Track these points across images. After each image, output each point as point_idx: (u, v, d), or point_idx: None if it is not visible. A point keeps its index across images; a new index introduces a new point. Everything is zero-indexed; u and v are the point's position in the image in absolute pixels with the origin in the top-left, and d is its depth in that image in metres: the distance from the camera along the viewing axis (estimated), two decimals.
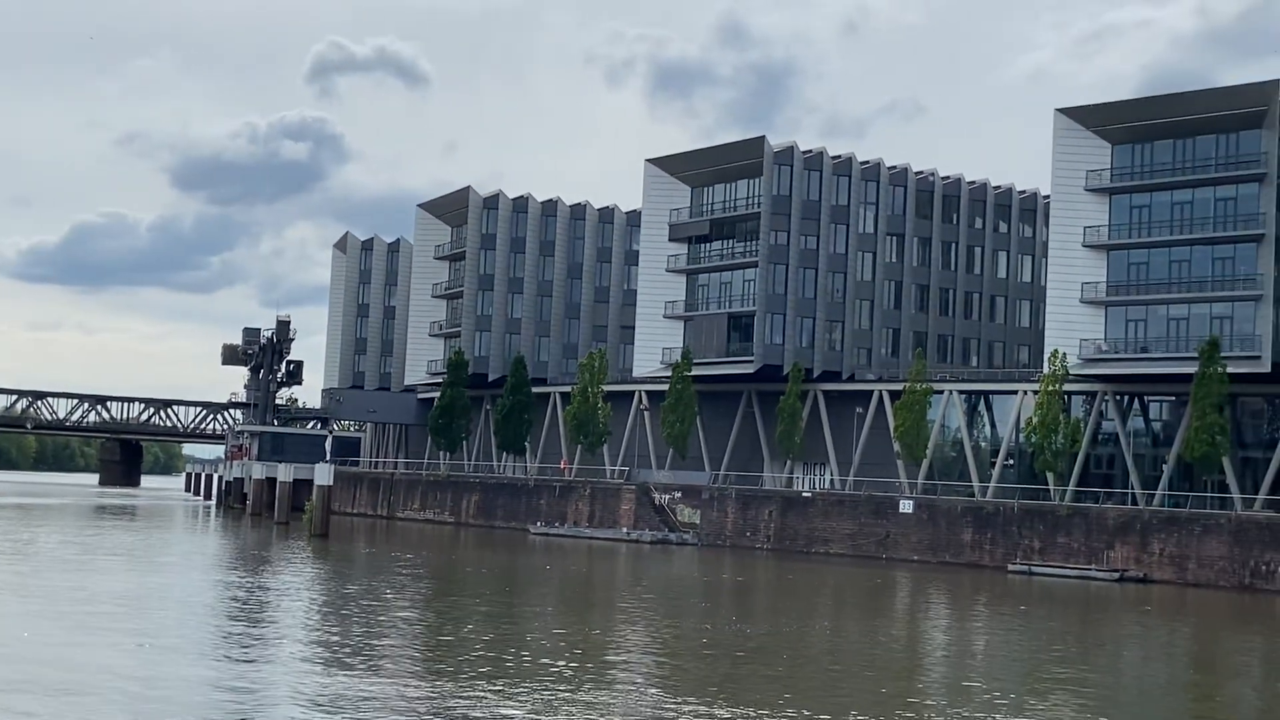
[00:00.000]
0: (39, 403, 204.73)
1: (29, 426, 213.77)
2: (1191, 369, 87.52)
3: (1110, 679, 44.84)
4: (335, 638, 44.12)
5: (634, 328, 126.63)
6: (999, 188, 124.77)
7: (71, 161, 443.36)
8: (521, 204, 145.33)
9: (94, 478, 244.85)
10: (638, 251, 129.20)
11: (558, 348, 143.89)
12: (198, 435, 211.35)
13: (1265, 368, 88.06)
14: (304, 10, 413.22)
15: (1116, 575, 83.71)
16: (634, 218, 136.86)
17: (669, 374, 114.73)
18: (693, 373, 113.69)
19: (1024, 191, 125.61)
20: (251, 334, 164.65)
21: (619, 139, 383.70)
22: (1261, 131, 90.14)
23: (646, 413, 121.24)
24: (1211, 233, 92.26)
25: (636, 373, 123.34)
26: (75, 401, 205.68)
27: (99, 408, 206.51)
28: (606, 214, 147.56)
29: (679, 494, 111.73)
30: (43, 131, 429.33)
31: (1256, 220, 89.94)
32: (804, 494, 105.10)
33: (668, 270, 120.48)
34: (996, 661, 48.47)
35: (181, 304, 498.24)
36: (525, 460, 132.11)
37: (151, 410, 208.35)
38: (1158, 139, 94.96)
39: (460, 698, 32.29)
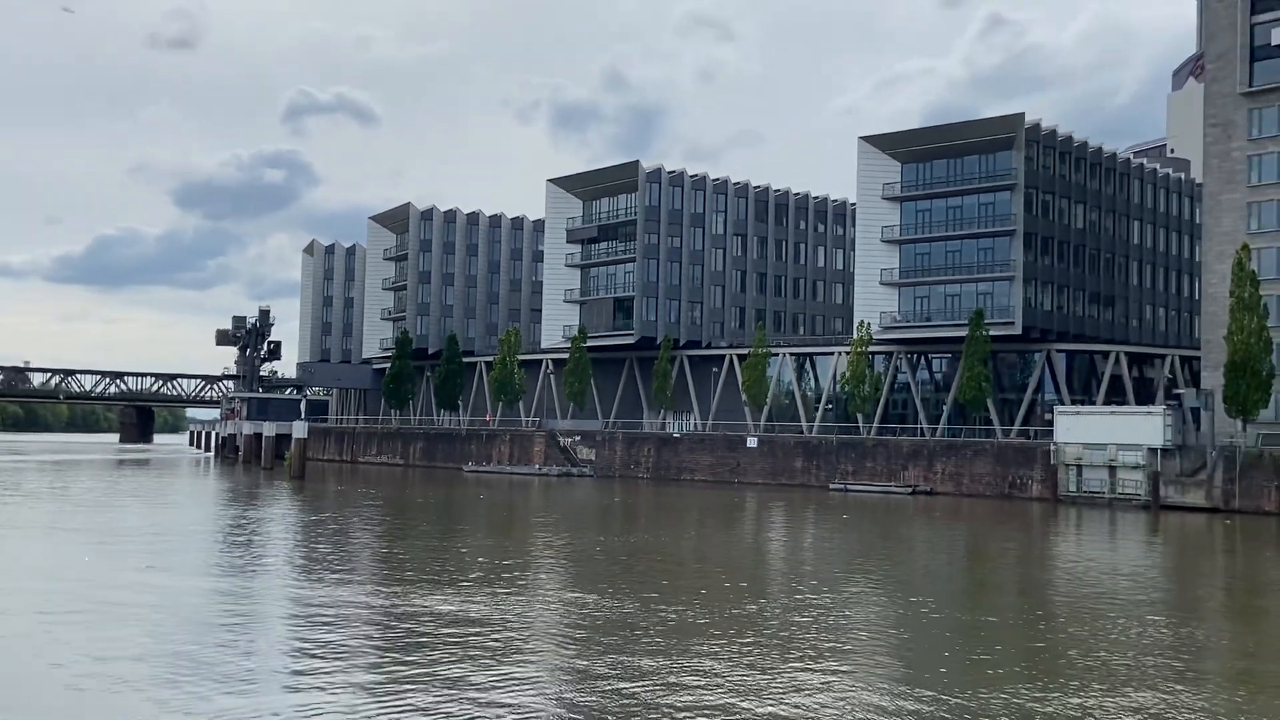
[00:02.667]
0: (69, 378, 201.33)
1: (61, 397, 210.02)
2: (963, 333, 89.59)
3: (907, 564, 46.54)
4: (310, 556, 44.60)
5: (541, 310, 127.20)
6: (818, 197, 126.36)
7: (93, 187, 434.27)
8: (452, 215, 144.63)
9: (115, 437, 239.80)
10: (543, 251, 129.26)
11: (482, 327, 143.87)
12: (198, 401, 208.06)
13: (1017, 330, 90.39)
14: (278, 65, 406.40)
15: (910, 490, 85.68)
16: (539, 225, 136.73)
17: (569, 345, 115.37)
18: (587, 344, 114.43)
19: (837, 200, 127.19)
20: (239, 321, 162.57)
21: (528, 164, 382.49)
22: (1012, 152, 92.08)
23: (552, 376, 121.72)
24: (976, 230, 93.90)
25: (544, 345, 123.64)
26: (98, 377, 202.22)
27: (118, 381, 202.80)
28: (518, 222, 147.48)
29: (578, 437, 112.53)
30: (69, 164, 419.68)
31: (1009, 219, 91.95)
32: (674, 435, 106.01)
33: (566, 265, 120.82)
34: (823, 554, 49.94)
35: (183, 298, 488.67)
36: (458, 414, 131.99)
37: (160, 382, 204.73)
38: (935, 159, 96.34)
39: (410, 600, 33.12)
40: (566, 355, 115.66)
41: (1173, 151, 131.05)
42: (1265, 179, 79.37)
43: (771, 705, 21.10)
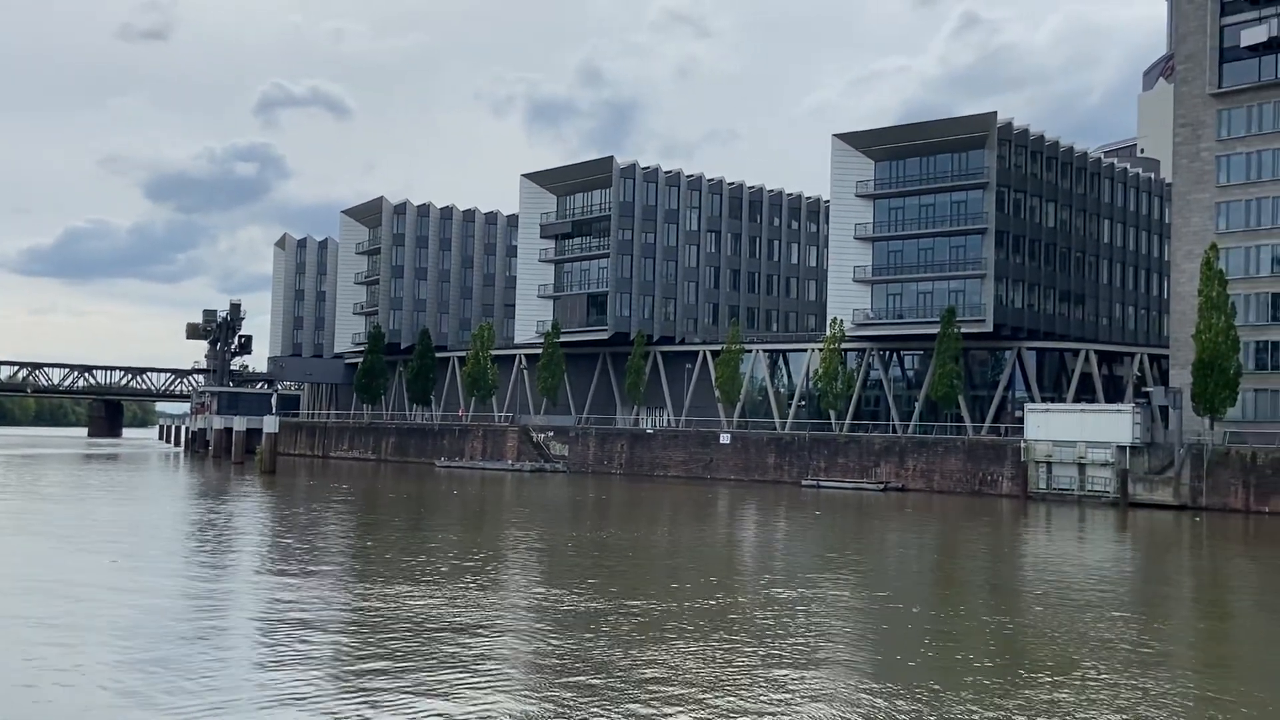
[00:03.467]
0: (36, 371, 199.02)
1: (29, 391, 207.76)
2: (934, 330, 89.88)
3: (877, 560, 46.77)
4: (281, 552, 44.32)
5: (514, 305, 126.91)
6: (792, 195, 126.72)
7: (63, 178, 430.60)
8: (425, 210, 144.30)
9: (84, 431, 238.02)
10: (516, 246, 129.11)
11: (455, 322, 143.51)
12: (168, 395, 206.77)
13: (988, 328, 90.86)
14: (251, 57, 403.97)
15: (882, 486, 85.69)
16: (513, 220, 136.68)
17: (542, 341, 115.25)
18: (560, 340, 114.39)
19: (810, 197, 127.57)
20: (210, 314, 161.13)
21: (502, 158, 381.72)
22: (984, 151, 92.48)
23: (525, 371, 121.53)
24: (948, 227, 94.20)
25: (517, 340, 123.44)
26: (66, 370, 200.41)
27: (86, 374, 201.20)
28: (492, 217, 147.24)
29: (551, 433, 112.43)
30: (39, 155, 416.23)
31: (981, 218, 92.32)
32: (647, 430, 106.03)
33: (540, 260, 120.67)
34: (794, 550, 50.07)
35: (153, 291, 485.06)
36: (431, 410, 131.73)
37: (130, 376, 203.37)
38: (908, 157, 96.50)
39: (380, 598, 33.00)
40: (540, 351, 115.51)
41: (1143, 151, 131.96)
42: (1234, 179, 79.99)
43: (735, 698, 21.10)
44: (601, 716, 19.73)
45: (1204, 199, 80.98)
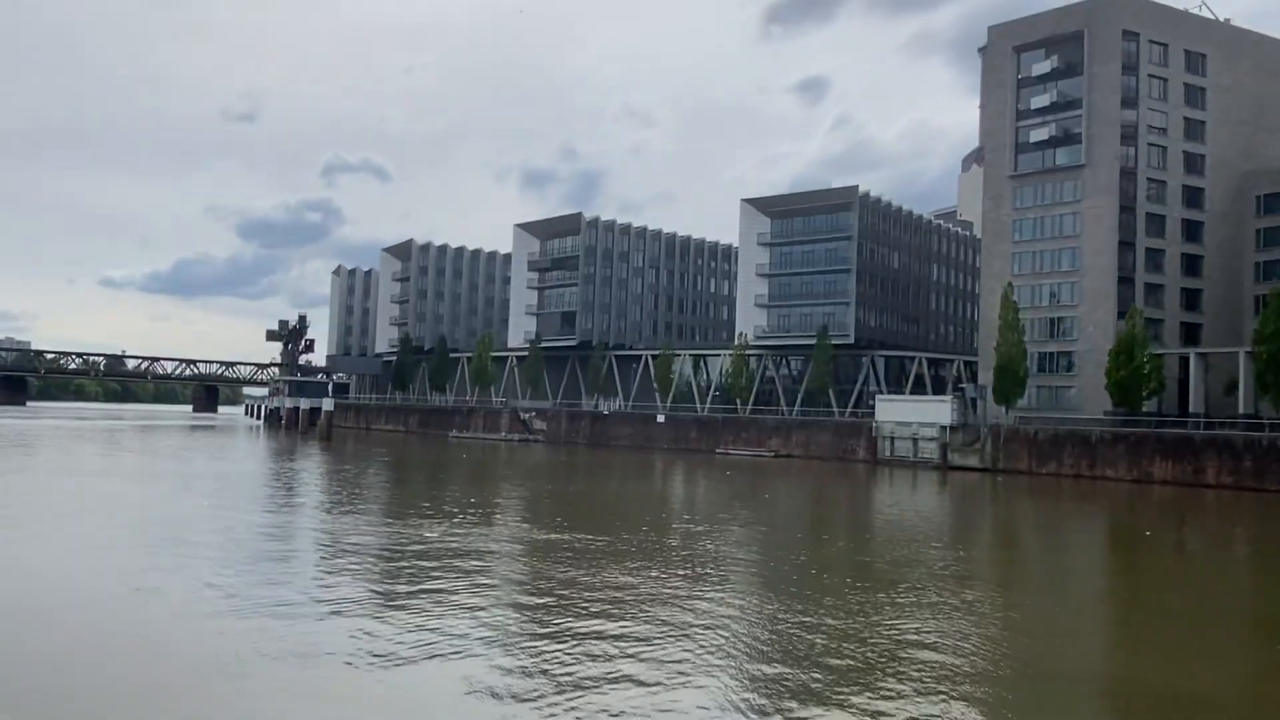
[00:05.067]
0: (156, 363, 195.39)
1: (149, 377, 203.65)
2: (812, 341, 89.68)
3: (769, 506, 46.80)
4: (333, 497, 43.90)
5: (508, 320, 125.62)
6: (712, 242, 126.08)
7: (177, 221, 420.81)
8: (443, 249, 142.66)
9: (188, 408, 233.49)
10: (510, 276, 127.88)
11: (464, 330, 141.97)
12: (252, 382, 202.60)
13: (851, 341, 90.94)
14: (319, 134, 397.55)
15: (773, 454, 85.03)
16: (508, 257, 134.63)
17: (528, 346, 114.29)
18: (542, 345, 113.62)
19: (725, 244, 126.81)
20: (284, 324, 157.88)
21: (501, 212, 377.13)
22: (850, 213, 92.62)
23: (515, 368, 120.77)
24: (823, 268, 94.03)
25: (510, 345, 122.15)
26: (177, 362, 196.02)
27: (192, 366, 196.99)
28: (492, 255, 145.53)
29: (534, 413, 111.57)
30: (160, 202, 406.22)
31: (847, 261, 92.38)
32: (604, 413, 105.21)
33: (527, 287, 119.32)
34: (710, 501, 50.13)
35: (243, 306, 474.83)
36: (446, 395, 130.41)
37: (224, 367, 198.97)
38: (795, 216, 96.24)
39: (405, 529, 32.75)
40: (526, 353, 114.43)
41: (961, 215, 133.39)
42: (1024, 237, 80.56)
43: (672, 608, 21.12)
44: (566, 620, 19.70)
45: (1004, 250, 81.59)
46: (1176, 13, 79.42)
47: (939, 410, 76.20)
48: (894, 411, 78.85)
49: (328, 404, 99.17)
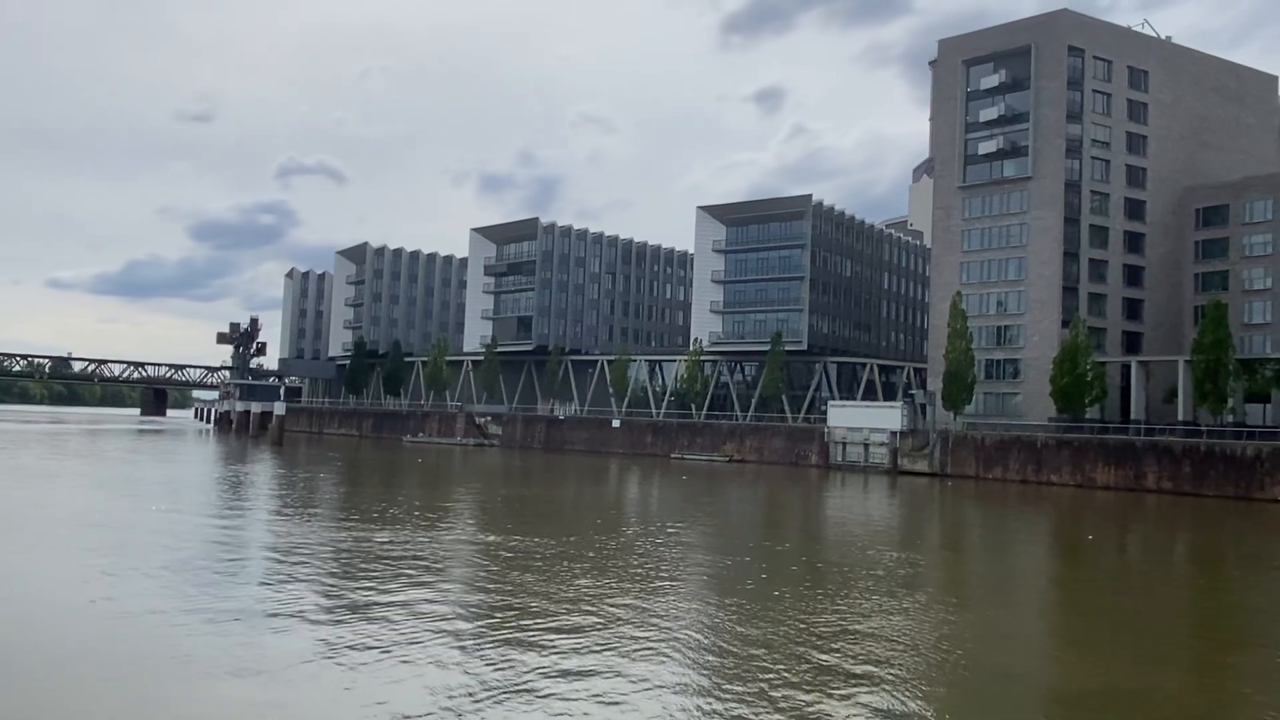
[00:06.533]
0: (102, 366, 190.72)
1: (96, 380, 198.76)
2: (766, 348, 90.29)
3: (723, 510, 46.97)
4: (285, 502, 43.27)
5: (464, 324, 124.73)
6: (668, 248, 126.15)
7: (127, 222, 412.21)
8: (399, 253, 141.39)
9: (137, 411, 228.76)
10: (465, 280, 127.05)
11: (419, 335, 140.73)
12: (202, 385, 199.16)
13: (804, 347, 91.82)
14: (274, 136, 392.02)
15: (727, 459, 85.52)
16: (464, 261, 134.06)
17: (484, 350, 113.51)
18: (497, 349, 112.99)
19: (680, 251, 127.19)
20: (235, 326, 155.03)
21: (458, 216, 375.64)
22: (804, 221, 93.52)
23: (471, 372, 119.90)
24: (777, 275, 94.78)
25: (465, 349, 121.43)
26: (125, 365, 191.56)
27: (140, 369, 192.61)
28: (448, 259, 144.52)
29: (489, 418, 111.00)
30: (110, 204, 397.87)
31: (800, 269, 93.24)
32: (560, 417, 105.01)
33: (483, 292, 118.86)
34: (666, 503, 50.24)
35: (193, 308, 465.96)
36: (400, 399, 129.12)
37: (173, 370, 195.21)
38: (750, 224, 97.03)
39: (356, 534, 32.40)
40: (482, 357, 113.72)
41: (912, 225, 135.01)
42: (972, 247, 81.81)
43: (612, 608, 21.12)
44: (518, 625, 19.60)
45: (953, 260, 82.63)
46: (1120, 30, 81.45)
47: (889, 416, 76.94)
48: (846, 417, 79.45)
49: (279, 408, 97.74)
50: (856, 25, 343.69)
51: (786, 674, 16.51)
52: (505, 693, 14.93)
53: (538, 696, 14.81)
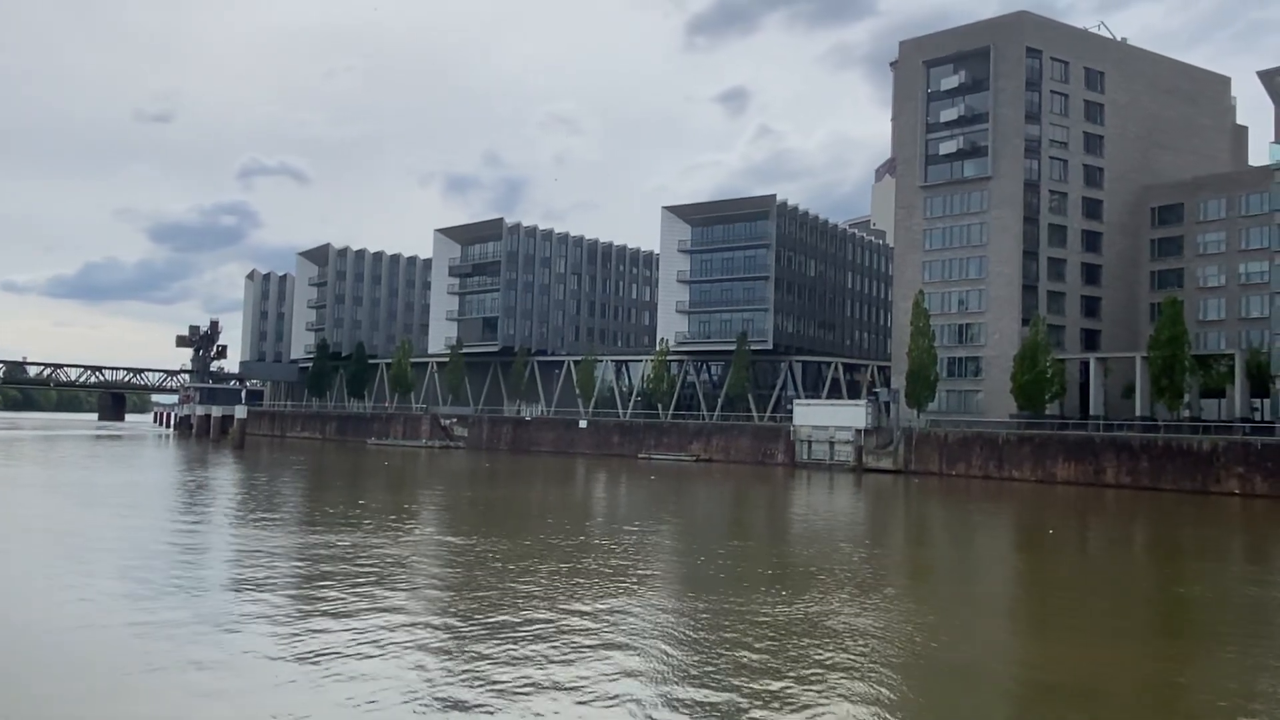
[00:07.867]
0: (58, 370, 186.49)
1: (52, 384, 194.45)
2: (732, 347, 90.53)
3: (691, 509, 47.02)
4: (246, 506, 42.70)
5: (428, 325, 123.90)
6: (633, 249, 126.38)
7: (84, 223, 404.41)
8: (362, 254, 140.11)
9: (94, 416, 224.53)
10: (430, 281, 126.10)
11: (383, 336, 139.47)
12: (161, 389, 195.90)
13: (769, 346, 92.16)
14: (235, 137, 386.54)
15: (694, 458, 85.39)
16: (428, 263, 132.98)
17: (449, 352, 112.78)
18: (463, 351, 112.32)
19: (646, 251, 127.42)
20: (195, 329, 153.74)
21: (422, 217, 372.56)
22: (769, 221, 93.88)
23: (436, 374, 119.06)
24: (742, 275, 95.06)
25: (430, 351, 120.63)
26: (82, 369, 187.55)
27: (97, 373, 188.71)
28: (412, 260, 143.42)
29: (455, 419, 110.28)
30: (66, 205, 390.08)
31: (765, 269, 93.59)
32: (526, 418, 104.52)
33: (448, 293, 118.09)
34: (633, 504, 50.20)
35: (152, 311, 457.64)
36: (364, 401, 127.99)
37: (131, 374, 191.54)
38: (715, 224, 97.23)
39: (319, 538, 32.09)
40: (447, 359, 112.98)
41: (875, 224, 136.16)
42: (934, 246, 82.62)
43: (579, 606, 21.08)
44: (486, 619, 19.50)
45: (915, 259, 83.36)
46: (1077, 32, 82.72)
47: (854, 414, 77.43)
48: (811, 416, 79.83)
49: (240, 411, 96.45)
50: (820, 27, 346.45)
51: (752, 668, 16.56)
52: (474, 690, 14.83)
53: (505, 696, 14.74)
